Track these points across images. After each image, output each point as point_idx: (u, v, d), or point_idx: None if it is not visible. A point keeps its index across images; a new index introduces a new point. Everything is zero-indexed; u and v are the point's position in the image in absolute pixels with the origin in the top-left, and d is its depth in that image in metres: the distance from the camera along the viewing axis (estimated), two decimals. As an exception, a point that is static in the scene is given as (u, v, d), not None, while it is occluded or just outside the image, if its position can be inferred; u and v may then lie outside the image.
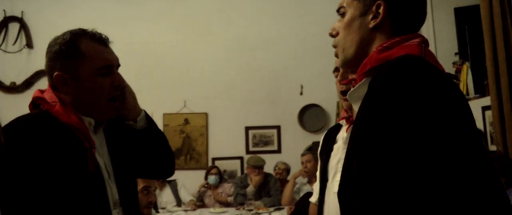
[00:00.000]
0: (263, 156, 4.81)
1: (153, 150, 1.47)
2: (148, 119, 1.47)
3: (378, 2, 1.01)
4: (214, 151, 5.40)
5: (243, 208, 3.89)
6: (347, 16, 1.06)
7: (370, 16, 1.03)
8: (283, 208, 4.10)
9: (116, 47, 1.40)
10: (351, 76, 1.64)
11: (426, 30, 4.73)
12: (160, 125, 4.98)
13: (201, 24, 5.37)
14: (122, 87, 1.36)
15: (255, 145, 5.37)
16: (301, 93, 5.39)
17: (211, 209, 4.18)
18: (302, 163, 4.38)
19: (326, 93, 5.33)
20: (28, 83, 5.39)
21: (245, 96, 5.36)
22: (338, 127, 1.79)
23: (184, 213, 4.03)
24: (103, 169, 1.30)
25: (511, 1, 3.10)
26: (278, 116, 5.38)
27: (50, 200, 1.17)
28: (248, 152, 5.34)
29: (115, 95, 1.34)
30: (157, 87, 5.31)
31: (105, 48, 1.33)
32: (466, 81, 4.04)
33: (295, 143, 5.31)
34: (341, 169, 1.57)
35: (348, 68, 1.17)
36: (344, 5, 1.08)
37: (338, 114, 5.34)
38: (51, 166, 1.18)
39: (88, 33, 1.31)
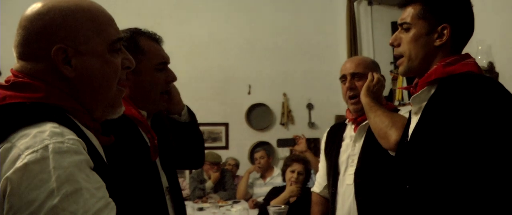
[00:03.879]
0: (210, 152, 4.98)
1: (193, 143, 1.63)
2: (191, 114, 1.63)
3: (444, 25, 1.25)
4: (162, 146, 5.43)
5: (204, 201, 4.08)
6: (413, 32, 1.28)
7: (435, 36, 1.26)
8: (239, 201, 4.34)
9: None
10: (357, 83, 1.91)
11: (366, 41, 5.25)
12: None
13: (153, 21, 5.36)
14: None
15: (204, 141, 5.51)
16: (249, 93, 5.66)
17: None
18: (256, 159, 4.66)
19: (273, 93, 5.67)
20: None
21: (195, 94, 5.47)
22: (340, 126, 2.07)
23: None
24: (156, 159, 1.42)
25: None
26: (227, 114, 5.59)
27: (123, 187, 1.29)
28: (196, 148, 5.47)
29: (166, 89, 1.47)
30: (105, 81, 5.21)
31: (160, 46, 1.47)
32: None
33: (242, 140, 5.57)
34: (351, 163, 1.88)
35: (408, 76, 1.40)
36: (409, 21, 1.29)
37: (283, 113, 5.71)
38: (123, 156, 1.28)
39: (145, 32, 1.44)
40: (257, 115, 5.65)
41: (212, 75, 5.56)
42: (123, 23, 1.58)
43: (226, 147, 5.58)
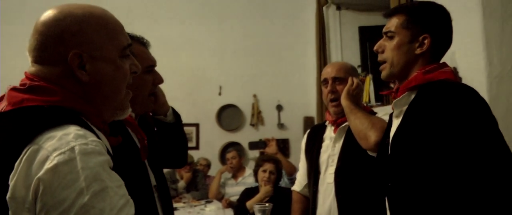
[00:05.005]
0: (181, 152, 4.99)
1: (177, 142, 1.69)
2: (176, 115, 1.69)
3: (425, 35, 1.37)
4: (132, 147, 5.39)
5: (177, 201, 4.09)
6: (397, 40, 1.39)
7: (416, 45, 1.37)
8: (212, 201, 4.38)
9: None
10: (338, 87, 2.01)
11: (334, 45, 5.42)
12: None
13: (124, 23, 5.29)
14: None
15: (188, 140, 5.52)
16: (220, 94, 5.71)
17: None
18: (228, 159, 4.71)
19: (243, 95, 5.74)
20: None
21: (166, 94, 5.42)
22: (320, 128, 2.17)
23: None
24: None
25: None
26: (197, 115, 5.61)
27: None
28: (167, 148, 5.46)
29: (153, 91, 1.53)
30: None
31: (147, 50, 1.53)
32: (369, 91, 4.78)
33: (213, 141, 5.61)
34: (331, 163, 1.98)
35: (389, 80, 1.50)
36: (393, 30, 1.41)
37: (253, 114, 5.79)
38: (115, 156, 1.33)
39: (133, 36, 1.49)
40: (228, 116, 5.71)
41: (182, 76, 5.56)
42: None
43: (196, 147, 5.60)
